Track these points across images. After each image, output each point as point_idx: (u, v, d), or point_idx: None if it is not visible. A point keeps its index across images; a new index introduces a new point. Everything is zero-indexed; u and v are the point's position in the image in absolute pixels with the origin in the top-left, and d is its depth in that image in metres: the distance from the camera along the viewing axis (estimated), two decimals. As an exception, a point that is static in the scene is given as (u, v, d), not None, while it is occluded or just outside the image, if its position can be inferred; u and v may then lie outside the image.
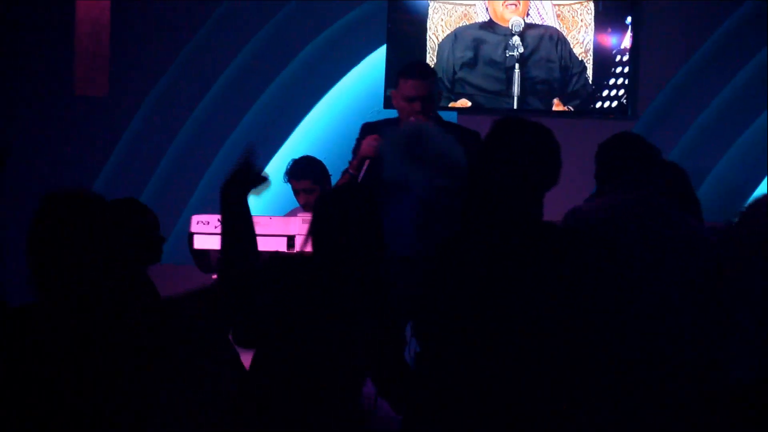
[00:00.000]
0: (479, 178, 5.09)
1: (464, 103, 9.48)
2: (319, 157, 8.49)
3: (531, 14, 9.41)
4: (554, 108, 9.45)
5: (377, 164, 7.12)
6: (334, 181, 8.18)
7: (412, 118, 7.22)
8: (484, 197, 5.04)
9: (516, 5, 9.42)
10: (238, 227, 4.36)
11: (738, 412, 5.03)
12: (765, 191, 8.22)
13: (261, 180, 4.58)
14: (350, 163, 7.48)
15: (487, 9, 9.47)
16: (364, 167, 7.39)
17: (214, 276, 7.02)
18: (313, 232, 5.35)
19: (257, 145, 8.67)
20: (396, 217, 6.11)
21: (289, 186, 8.34)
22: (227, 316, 4.63)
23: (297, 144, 9.95)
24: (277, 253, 6.80)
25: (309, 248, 5.75)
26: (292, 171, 8.47)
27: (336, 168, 8.09)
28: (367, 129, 7.61)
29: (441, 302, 4.98)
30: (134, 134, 10.61)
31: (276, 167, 10.00)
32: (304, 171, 8.33)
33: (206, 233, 7.27)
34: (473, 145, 6.14)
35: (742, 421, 5.02)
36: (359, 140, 7.63)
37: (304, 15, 10.30)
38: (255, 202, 9.95)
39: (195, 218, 7.47)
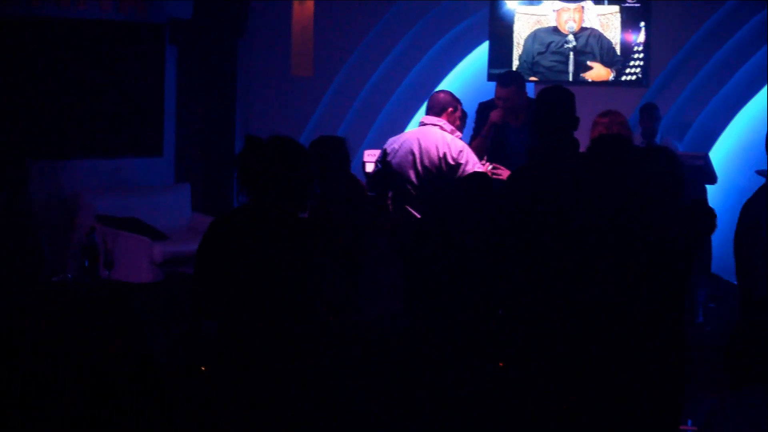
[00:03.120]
0: (536, 128, 6.14)
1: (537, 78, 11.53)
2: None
3: (584, 21, 11.48)
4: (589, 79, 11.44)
5: (500, 129, 8.51)
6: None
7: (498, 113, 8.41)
8: (540, 140, 6.05)
9: (574, 20, 11.50)
10: None
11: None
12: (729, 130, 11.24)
13: None
14: (483, 129, 8.47)
15: (554, 19, 11.60)
16: (492, 132, 8.53)
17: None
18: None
19: (411, 100, 10.10)
20: None
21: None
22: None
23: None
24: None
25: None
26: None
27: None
28: (481, 107, 8.86)
29: (518, 218, 5.69)
30: (328, 101, 12.66)
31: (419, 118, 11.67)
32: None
33: (372, 162, 8.42)
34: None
35: None
36: (478, 113, 8.76)
37: (441, 17, 12.30)
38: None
39: (366, 152, 8.89)
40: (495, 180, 7.10)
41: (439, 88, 11.98)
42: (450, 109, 8.15)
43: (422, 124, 8.16)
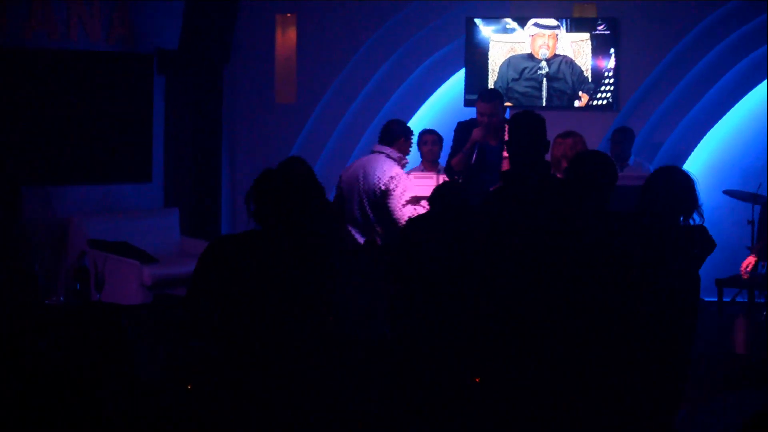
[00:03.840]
0: (510, 150, 6.15)
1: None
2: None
3: (558, 48, 11.58)
4: (577, 104, 11.50)
5: (482, 148, 8.59)
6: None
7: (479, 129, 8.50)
8: (513, 163, 6.13)
9: (548, 47, 11.62)
10: None
11: None
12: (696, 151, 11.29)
13: None
14: (465, 147, 8.52)
15: (528, 45, 11.72)
16: (476, 149, 8.62)
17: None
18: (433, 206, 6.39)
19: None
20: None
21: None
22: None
23: (415, 126, 11.06)
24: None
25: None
26: (425, 131, 9.74)
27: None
28: (460, 126, 8.94)
29: (490, 234, 5.68)
30: (310, 127, 12.74)
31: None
32: (433, 131, 9.86)
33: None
34: None
35: None
36: (457, 132, 8.83)
37: (419, 45, 12.51)
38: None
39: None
40: (472, 197, 7.06)
41: (418, 113, 12.69)
42: (402, 139, 8.56)
43: (372, 151, 8.59)
